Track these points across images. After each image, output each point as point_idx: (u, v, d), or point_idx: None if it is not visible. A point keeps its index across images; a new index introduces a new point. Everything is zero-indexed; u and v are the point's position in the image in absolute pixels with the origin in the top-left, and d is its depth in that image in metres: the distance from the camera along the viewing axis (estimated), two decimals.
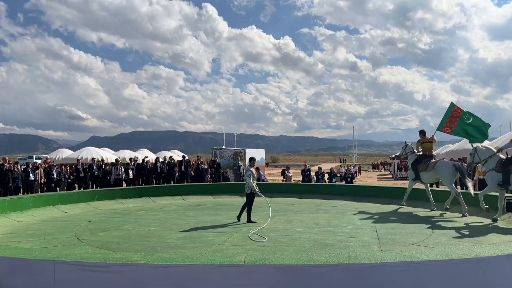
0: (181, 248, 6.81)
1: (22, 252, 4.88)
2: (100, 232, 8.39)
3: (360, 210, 11.26)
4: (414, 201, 11.92)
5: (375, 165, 65.76)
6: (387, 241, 7.15)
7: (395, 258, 4.35)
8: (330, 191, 15.18)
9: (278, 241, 7.24)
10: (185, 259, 4.42)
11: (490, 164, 9.51)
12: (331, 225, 8.93)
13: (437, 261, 4.25)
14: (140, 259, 4.46)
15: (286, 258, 4.41)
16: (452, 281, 4.23)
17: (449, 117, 12.39)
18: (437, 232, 7.95)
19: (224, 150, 24.88)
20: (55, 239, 7.70)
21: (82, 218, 10.41)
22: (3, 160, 15.45)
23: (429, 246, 6.65)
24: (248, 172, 9.47)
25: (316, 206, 12.19)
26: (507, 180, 8.90)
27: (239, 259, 4.36)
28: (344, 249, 6.57)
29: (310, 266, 4.18)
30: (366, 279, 4.16)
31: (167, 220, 9.93)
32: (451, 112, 12.36)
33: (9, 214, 10.25)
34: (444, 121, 12.43)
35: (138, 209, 12.07)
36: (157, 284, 4.26)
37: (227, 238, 7.56)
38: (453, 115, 12.34)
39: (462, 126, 12.22)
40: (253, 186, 9.29)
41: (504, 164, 9.16)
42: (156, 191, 15.23)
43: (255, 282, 4.19)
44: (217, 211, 11.48)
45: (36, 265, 4.50)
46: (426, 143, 11.84)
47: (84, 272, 4.35)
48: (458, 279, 4.25)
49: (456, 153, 25.35)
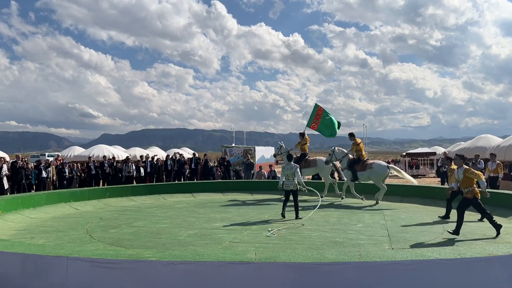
0: (191, 245, 6.84)
1: (36, 248, 4.94)
2: (111, 229, 8.46)
3: (371, 208, 11.20)
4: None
5: None
6: (398, 239, 7.10)
7: (407, 256, 4.32)
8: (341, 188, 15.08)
9: (288, 239, 7.24)
10: (196, 256, 4.43)
11: (344, 163, 12.59)
12: (341, 223, 8.90)
13: (449, 259, 4.21)
14: (151, 256, 4.49)
15: (296, 256, 4.40)
16: (465, 280, 4.18)
17: (314, 115, 14.96)
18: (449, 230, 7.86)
19: (234, 148, 24.91)
20: (67, 236, 7.79)
21: (93, 215, 10.51)
22: (16, 158, 15.66)
23: (441, 245, 6.59)
24: (297, 169, 9.48)
25: (326, 204, 12.15)
26: (355, 176, 12.21)
27: (250, 257, 4.36)
28: (355, 247, 6.55)
29: (321, 264, 4.17)
30: (378, 277, 4.14)
31: (177, 217, 9.98)
32: (316, 111, 14.95)
33: (23, 211, 10.40)
34: (311, 119, 14.94)
35: (148, 206, 12.15)
36: (168, 280, 4.29)
37: (237, 236, 7.57)
38: (317, 113, 14.92)
39: (323, 122, 14.85)
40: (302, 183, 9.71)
41: (351, 164, 12.26)
42: (167, 188, 15.31)
43: (266, 279, 4.20)
44: (227, 208, 11.50)
45: (49, 261, 4.55)
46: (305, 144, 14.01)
47: (96, 269, 4.39)
48: (471, 278, 4.21)
49: (468, 150, 25.07)
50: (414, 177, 32.22)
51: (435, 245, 6.56)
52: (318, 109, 14.86)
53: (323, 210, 10.90)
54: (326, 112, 14.86)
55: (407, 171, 34.78)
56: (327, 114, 14.82)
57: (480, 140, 26.45)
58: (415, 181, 13.15)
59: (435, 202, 11.48)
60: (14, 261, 4.75)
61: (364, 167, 12.17)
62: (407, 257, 4.28)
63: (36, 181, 15.65)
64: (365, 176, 12.26)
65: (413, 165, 35.33)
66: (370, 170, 12.08)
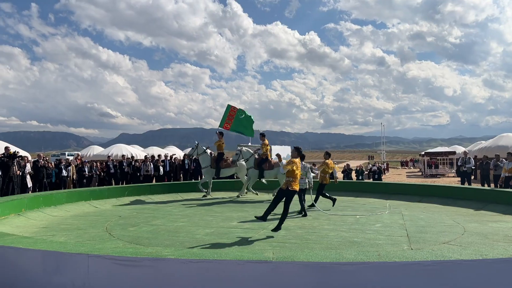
0: (209, 243, 6.88)
1: (57, 246, 5.03)
2: (130, 227, 8.57)
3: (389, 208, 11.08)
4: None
5: (404, 162, 64.57)
6: (417, 240, 7.01)
7: (426, 256, 4.26)
8: (358, 188, 15.00)
9: (306, 238, 7.22)
10: (213, 255, 4.46)
11: (250, 162, 13.32)
12: (359, 223, 8.83)
13: (471, 260, 4.13)
14: (170, 254, 4.53)
15: (314, 255, 4.38)
16: (487, 281, 4.10)
17: (227, 116, 15.13)
18: (469, 231, 7.73)
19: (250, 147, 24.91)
20: (87, 234, 7.92)
21: (112, 213, 10.66)
22: (38, 157, 15.99)
23: (462, 245, 6.48)
24: (309, 169, 10.00)
25: (343, 204, 12.07)
26: (262, 174, 13.28)
27: (267, 256, 4.36)
28: (373, 247, 6.49)
29: (339, 264, 4.14)
30: (397, 278, 4.09)
31: (195, 215, 10.05)
32: (229, 112, 15.19)
33: (44, 209, 10.61)
34: (224, 120, 15.19)
35: (167, 205, 12.26)
36: (186, 278, 4.32)
37: (254, 235, 7.58)
38: (230, 114, 15.19)
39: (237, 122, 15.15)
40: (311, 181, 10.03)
41: (259, 163, 13.17)
42: (184, 187, 15.43)
43: (284, 278, 4.19)
44: (243, 207, 11.53)
45: (70, 258, 4.63)
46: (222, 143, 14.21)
47: (116, 266, 4.45)
48: (492, 279, 4.12)
49: (489, 149, 24.62)
50: (433, 176, 31.83)
51: (455, 246, 6.46)
52: (231, 110, 15.14)
53: (340, 210, 10.83)
54: (241, 111, 15.08)
55: (426, 171, 34.31)
56: (241, 113, 15.05)
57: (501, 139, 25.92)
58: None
59: (455, 202, 11.30)
60: (37, 257, 4.85)
61: (271, 166, 13.21)
62: (427, 257, 4.22)
63: (57, 180, 15.97)
64: (272, 174, 13.29)
65: (432, 164, 34.81)
66: (278, 169, 12.73)
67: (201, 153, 14.06)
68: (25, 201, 10.18)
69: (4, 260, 5.00)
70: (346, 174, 19.41)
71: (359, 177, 19.57)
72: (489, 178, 17.09)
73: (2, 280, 4.92)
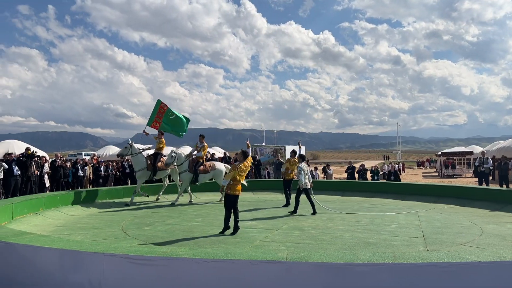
0: (223, 243, 6.90)
1: (74, 244, 5.10)
2: (145, 226, 8.65)
3: (405, 209, 10.96)
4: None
5: (420, 163, 63.76)
6: (433, 241, 6.91)
7: (443, 258, 4.19)
8: (373, 188, 14.89)
9: (320, 239, 7.18)
10: (227, 254, 4.47)
11: (185, 166, 12.67)
12: (374, 223, 8.75)
13: (488, 262, 4.05)
14: (185, 253, 4.55)
15: (328, 256, 4.35)
16: (505, 284, 4.02)
17: (157, 113, 13.41)
18: (487, 232, 7.59)
19: (264, 147, 24.95)
20: (103, 233, 8.02)
21: (128, 212, 10.77)
22: (56, 157, 16.25)
23: (479, 247, 6.37)
24: (298, 169, 9.97)
25: (358, 204, 11.98)
26: (196, 178, 12.64)
27: (281, 256, 4.35)
28: (389, 248, 6.42)
29: (354, 265, 4.11)
30: (412, 279, 4.04)
31: (209, 215, 10.09)
32: (158, 109, 13.46)
33: (61, 208, 10.78)
34: (153, 117, 13.39)
35: (181, 205, 12.33)
36: (200, 278, 4.34)
37: (268, 235, 7.57)
38: (160, 111, 13.47)
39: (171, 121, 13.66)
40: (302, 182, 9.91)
41: (194, 166, 12.65)
42: (198, 187, 15.46)
43: (298, 279, 4.18)
44: (257, 207, 11.53)
45: (86, 256, 4.69)
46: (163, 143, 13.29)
47: (132, 265, 4.49)
48: (511, 282, 4.04)
49: (508, 149, 24.16)
50: (450, 177, 31.35)
51: (473, 247, 6.36)
52: (161, 106, 13.59)
53: (355, 210, 10.75)
54: (171, 112, 13.71)
55: (442, 171, 33.82)
56: (171, 113, 13.70)
57: None
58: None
59: (472, 203, 11.11)
60: (54, 256, 4.93)
61: (207, 170, 12.88)
62: (443, 259, 4.16)
63: (73, 180, 16.20)
64: (207, 177, 13.00)
65: (448, 164, 34.30)
66: (214, 172, 12.89)
67: (135, 154, 12.70)
68: (43, 200, 10.36)
69: (22, 258, 5.09)
70: (361, 174, 19.27)
71: (374, 177, 19.39)
72: (507, 178, 16.76)
73: (20, 277, 5.02)
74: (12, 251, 5.14)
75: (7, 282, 5.06)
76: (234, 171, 7.65)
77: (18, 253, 5.10)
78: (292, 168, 11.37)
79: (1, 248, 5.20)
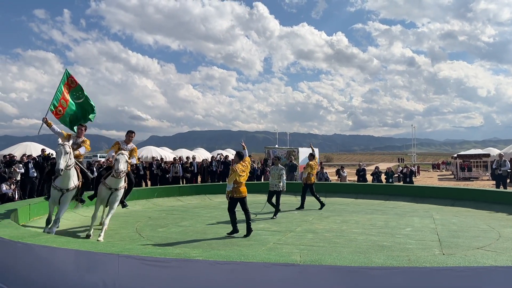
0: (236, 245, 6.91)
1: (89, 245, 5.16)
2: (159, 228, 8.71)
3: (420, 212, 10.82)
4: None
5: (435, 165, 62.92)
6: (449, 245, 6.82)
7: (459, 262, 4.13)
8: (388, 191, 14.73)
9: (334, 242, 7.14)
10: (241, 257, 4.47)
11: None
12: (389, 226, 8.66)
13: (506, 267, 3.97)
14: (198, 255, 4.57)
15: (342, 259, 4.33)
16: None
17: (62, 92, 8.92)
18: (505, 236, 7.46)
19: (277, 149, 24.92)
20: (118, 234, 8.09)
21: (142, 214, 10.86)
22: None
23: (496, 251, 6.25)
24: (282, 171, 10.32)
25: (372, 207, 11.88)
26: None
27: (294, 259, 4.34)
28: (403, 251, 6.36)
29: (368, 268, 4.07)
30: (428, 284, 3.98)
31: (222, 217, 10.10)
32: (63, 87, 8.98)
33: (76, 209, 10.89)
34: (58, 98, 8.85)
35: (195, 206, 12.40)
36: (214, 280, 4.35)
37: (281, 237, 7.56)
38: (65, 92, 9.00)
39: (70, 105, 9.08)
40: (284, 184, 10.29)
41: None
42: (212, 189, 15.55)
43: (311, 282, 4.15)
44: (270, 210, 11.49)
45: (101, 257, 4.74)
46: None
47: (145, 266, 4.52)
48: None
49: None
50: (466, 179, 30.85)
51: (490, 252, 6.25)
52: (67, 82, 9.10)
53: (369, 213, 10.66)
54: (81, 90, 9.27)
55: (458, 174, 33.29)
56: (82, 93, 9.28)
57: None
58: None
59: (489, 206, 10.92)
60: (69, 257, 4.98)
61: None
62: (460, 263, 4.09)
63: None
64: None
65: (464, 167, 33.75)
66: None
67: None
68: None
69: (39, 259, 5.17)
70: (376, 176, 19.11)
71: (389, 179, 19.21)
72: None
73: (37, 277, 5.09)
74: (29, 252, 5.22)
75: (24, 283, 5.15)
76: (233, 173, 7.61)
77: (35, 254, 5.17)
78: (313, 172, 11.71)
79: (19, 248, 5.28)
